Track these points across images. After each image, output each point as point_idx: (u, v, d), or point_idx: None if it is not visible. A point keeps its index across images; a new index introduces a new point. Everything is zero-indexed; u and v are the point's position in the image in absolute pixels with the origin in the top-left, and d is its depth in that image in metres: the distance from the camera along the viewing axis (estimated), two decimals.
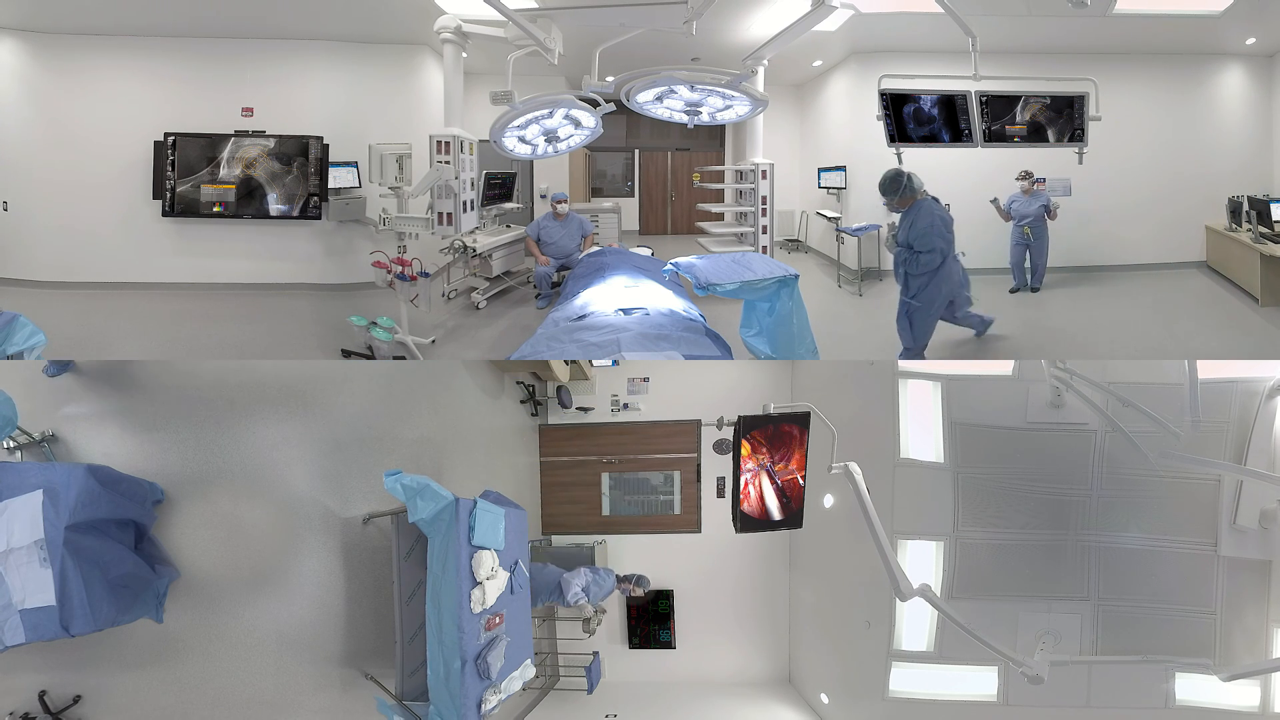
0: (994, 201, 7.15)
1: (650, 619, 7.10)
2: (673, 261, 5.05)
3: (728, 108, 5.30)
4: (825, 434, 3.81)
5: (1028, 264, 7.34)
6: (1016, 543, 4.67)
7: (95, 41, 6.70)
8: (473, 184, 6.53)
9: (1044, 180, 7.07)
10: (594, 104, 5.26)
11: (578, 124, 5.55)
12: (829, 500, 5.48)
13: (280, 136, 6.83)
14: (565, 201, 7.36)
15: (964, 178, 5.91)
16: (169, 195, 6.80)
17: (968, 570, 4.69)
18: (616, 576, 5.30)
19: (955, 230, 5.41)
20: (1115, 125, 5.62)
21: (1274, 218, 6.69)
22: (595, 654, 6.83)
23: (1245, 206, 6.89)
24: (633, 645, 7.12)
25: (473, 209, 6.57)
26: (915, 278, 5.26)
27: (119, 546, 3.30)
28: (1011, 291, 7.19)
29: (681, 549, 7.04)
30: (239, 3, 6.26)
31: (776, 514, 4.01)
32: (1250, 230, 6.72)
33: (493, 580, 3.82)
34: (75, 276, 6.89)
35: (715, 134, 11.80)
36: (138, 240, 6.91)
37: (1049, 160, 5.56)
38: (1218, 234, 7.28)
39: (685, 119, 5.28)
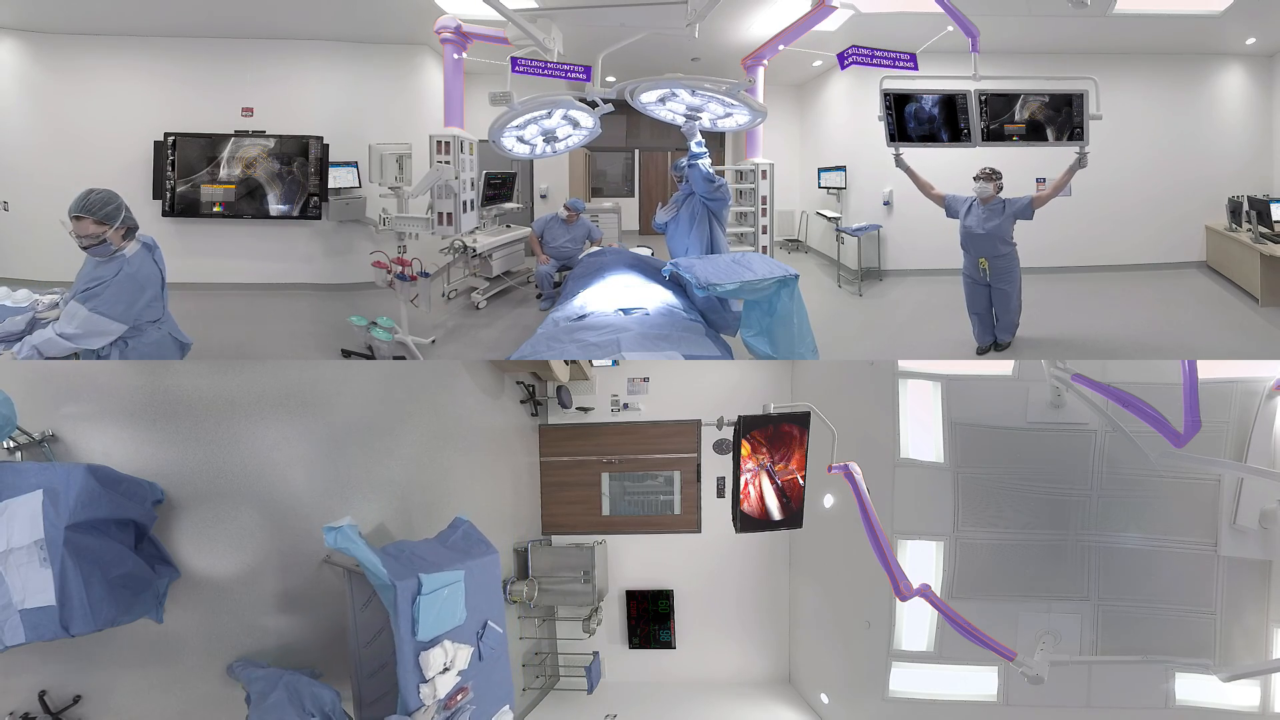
0: (897, 156, 5.21)
1: (650, 619, 7.11)
2: (672, 261, 5.05)
3: (728, 115, 5.31)
4: (825, 434, 3.82)
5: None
6: (1016, 543, 4.66)
7: (95, 41, 6.69)
8: (473, 184, 6.53)
9: (1043, 180, 6.96)
10: (592, 104, 5.26)
11: (576, 124, 5.56)
12: (829, 500, 5.48)
13: (280, 136, 6.82)
14: (576, 212, 7.30)
15: (964, 177, 5.90)
16: (169, 195, 6.80)
17: (968, 570, 4.69)
18: None
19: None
20: (1115, 125, 5.61)
21: (1274, 218, 6.69)
22: (595, 654, 6.84)
23: (1245, 206, 6.89)
24: (633, 645, 7.12)
25: (473, 209, 6.56)
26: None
27: (119, 546, 3.30)
28: (979, 353, 5.63)
29: (681, 549, 7.04)
30: (239, 3, 6.26)
31: (776, 514, 4.02)
32: (1250, 230, 6.72)
33: (446, 674, 3.52)
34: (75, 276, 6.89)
35: (715, 134, 11.79)
36: None
37: (1050, 160, 5.55)
38: (1218, 234, 7.28)
39: (685, 122, 5.30)
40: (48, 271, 6.93)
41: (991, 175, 5.37)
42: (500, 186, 7.90)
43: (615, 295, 4.87)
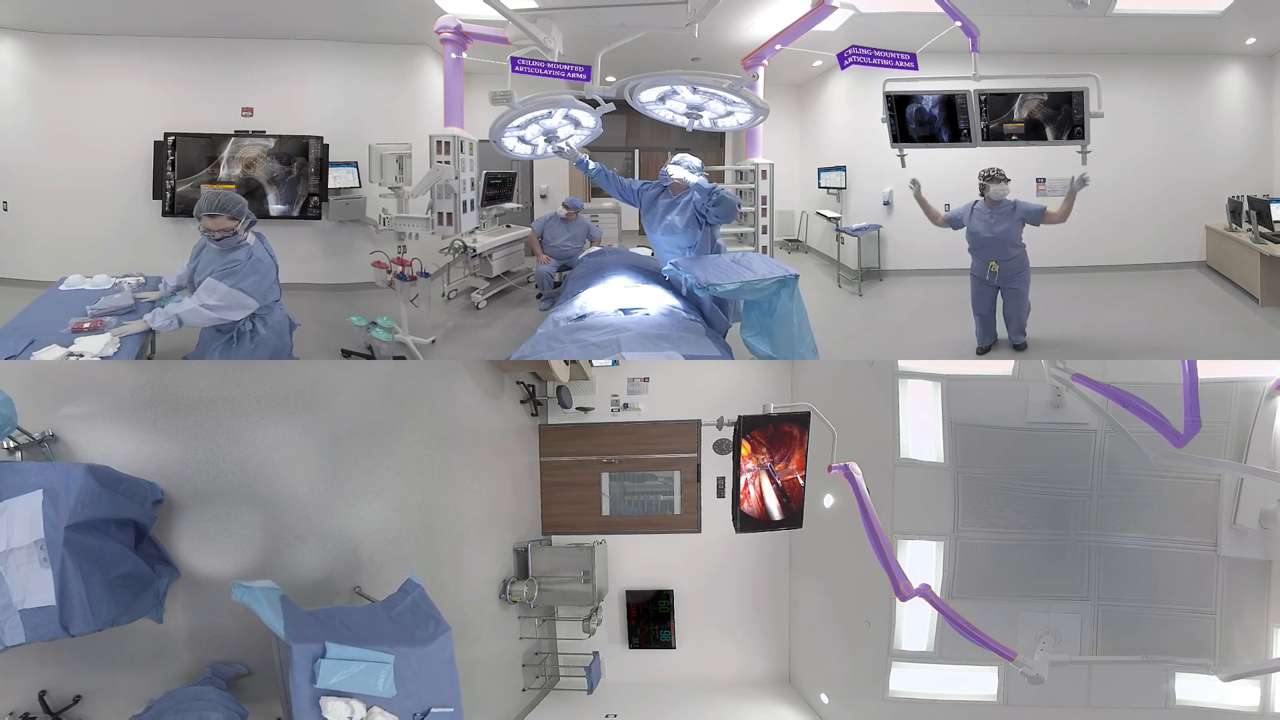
0: (913, 183, 5.59)
1: (650, 619, 7.11)
2: (672, 261, 5.05)
3: (729, 114, 5.29)
4: (825, 434, 3.82)
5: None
6: (1016, 543, 4.67)
7: (95, 41, 6.69)
8: (473, 184, 6.53)
9: (1043, 180, 6.96)
10: (593, 104, 5.26)
11: (577, 124, 5.55)
12: (829, 500, 5.48)
13: (280, 136, 6.82)
14: (575, 210, 7.32)
15: (965, 176, 5.91)
16: (169, 195, 6.79)
17: (968, 570, 4.69)
18: None
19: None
20: (1115, 125, 5.61)
21: (1274, 218, 6.69)
22: (595, 654, 6.84)
23: (1245, 206, 6.89)
24: (633, 645, 7.12)
25: (473, 209, 6.57)
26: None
27: (119, 546, 3.30)
28: (979, 352, 5.71)
29: (681, 549, 7.04)
30: (239, 3, 6.26)
31: (776, 514, 4.02)
32: (1250, 230, 6.72)
33: None
34: None
35: (715, 134, 11.78)
36: (138, 240, 6.90)
37: (1052, 160, 5.56)
38: (1218, 234, 7.28)
39: (686, 122, 5.29)
40: (47, 271, 6.94)
41: (995, 176, 5.43)
42: (500, 186, 7.90)
43: (615, 295, 4.87)
